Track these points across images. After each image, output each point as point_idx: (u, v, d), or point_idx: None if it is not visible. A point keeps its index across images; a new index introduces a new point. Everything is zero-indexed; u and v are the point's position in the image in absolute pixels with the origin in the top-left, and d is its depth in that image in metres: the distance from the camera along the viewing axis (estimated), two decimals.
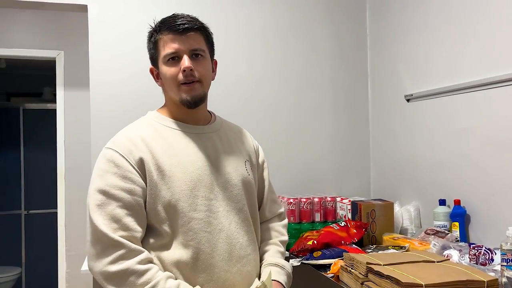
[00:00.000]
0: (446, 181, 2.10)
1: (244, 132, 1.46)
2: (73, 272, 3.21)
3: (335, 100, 2.73)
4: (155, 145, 1.20)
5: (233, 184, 1.27)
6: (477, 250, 1.61)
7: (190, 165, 1.21)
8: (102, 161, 1.19)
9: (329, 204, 2.45)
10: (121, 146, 1.19)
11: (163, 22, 1.26)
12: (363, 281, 1.49)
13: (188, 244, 1.17)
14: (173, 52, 1.21)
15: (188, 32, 1.22)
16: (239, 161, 1.33)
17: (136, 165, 1.17)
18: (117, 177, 1.15)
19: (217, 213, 1.22)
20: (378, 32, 2.69)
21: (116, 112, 2.40)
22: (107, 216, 1.12)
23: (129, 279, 1.08)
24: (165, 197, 1.17)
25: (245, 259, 1.25)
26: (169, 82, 1.23)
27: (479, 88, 1.90)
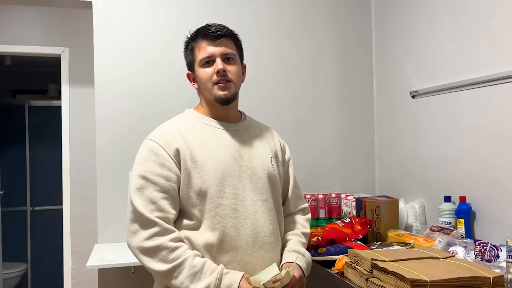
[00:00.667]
0: (452, 177, 2.10)
1: (271, 131, 1.60)
2: (78, 268, 3.23)
3: (340, 97, 2.73)
4: (190, 138, 1.36)
5: (259, 177, 1.40)
6: (483, 247, 1.61)
7: (220, 157, 1.35)
8: (144, 150, 1.35)
9: (333, 200, 2.45)
10: (160, 138, 1.35)
11: (198, 31, 1.42)
12: (368, 277, 1.49)
13: (215, 227, 1.31)
14: (208, 56, 1.38)
15: (221, 38, 1.39)
16: (265, 156, 1.45)
17: (173, 155, 1.32)
18: (156, 164, 1.31)
19: (243, 202, 1.35)
20: (383, 28, 2.68)
21: (121, 108, 2.41)
22: (145, 199, 1.28)
23: (161, 253, 1.24)
24: (196, 184, 1.32)
25: (268, 246, 1.37)
26: (204, 82, 1.39)
27: (486, 84, 1.89)
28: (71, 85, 3.30)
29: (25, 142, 4.47)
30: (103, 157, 2.40)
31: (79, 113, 3.29)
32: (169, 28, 2.51)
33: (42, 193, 4.45)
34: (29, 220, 4.47)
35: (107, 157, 2.40)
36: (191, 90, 2.51)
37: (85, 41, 3.17)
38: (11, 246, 4.28)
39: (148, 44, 2.46)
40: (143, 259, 1.26)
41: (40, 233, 4.45)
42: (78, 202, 3.27)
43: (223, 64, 1.37)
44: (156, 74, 2.46)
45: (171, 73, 2.49)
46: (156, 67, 2.47)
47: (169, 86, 2.49)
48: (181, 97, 2.50)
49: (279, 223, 1.46)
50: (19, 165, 4.44)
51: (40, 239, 4.44)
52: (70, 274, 3.26)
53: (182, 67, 2.55)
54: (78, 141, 3.29)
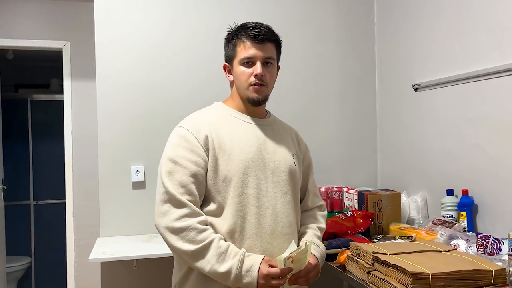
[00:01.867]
0: (454, 171, 2.09)
1: (294, 131, 1.65)
2: (81, 261, 3.24)
3: (342, 90, 2.72)
4: (219, 127, 1.42)
5: (281, 170, 1.45)
6: (485, 240, 1.60)
7: (246, 148, 1.41)
8: (175, 136, 1.41)
9: (335, 194, 2.45)
10: (191, 125, 1.41)
11: (244, 29, 1.43)
12: (370, 271, 1.49)
13: (237, 214, 1.36)
14: (250, 57, 1.41)
15: (265, 42, 1.42)
16: (287, 152, 1.50)
17: (202, 142, 1.37)
18: (186, 150, 1.36)
19: (266, 192, 1.40)
20: (386, 21, 2.66)
21: (123, 101, 2.41)
22: (176, 182, 1.33)
23: (190, 234, 1.29)
24: (223, 172, 1.37)
25: (286, 237, 1.42)
26: (241, 81, 1.43)
27: (488, 76, 1.87)
28: (73, 79, 3.30)
29: (28, 137, 4.48)
30: (106, 151, 2.40)
31: (81, 107, 3.29)
32: (170, 21, 2.50)
33: (45, 187, 4.47)
34: (33, 214, 4.49)
35: (110, 151, 2.40)
36: (192, 83, 2.53)
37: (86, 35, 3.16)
38: (15, 240, 4.30)
39: (149, 37, 2.46)
40: (171, 238, 1.31)
41: (43, 227, 4.47)
42: (81, 196, 3.28)
43: (262, 68, 1.41)
44: (158, 67, 2.46)
45: (173, 66, 2.49)
46: (158, 60, 2.47)
47: (170, 79, 2.49)
48: (183, 90, 2.50)
49: (296, 216, 1.50)
50: (22, 160, 4.45)
51: (43, 233, 4.46)
52: (73, 267, 3.27)
53: (183, 60, 2.56)
54: (81, 135, 3.29)
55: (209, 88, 2.50)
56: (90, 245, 2.37)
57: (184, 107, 2.42)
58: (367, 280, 1.50)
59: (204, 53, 2.51)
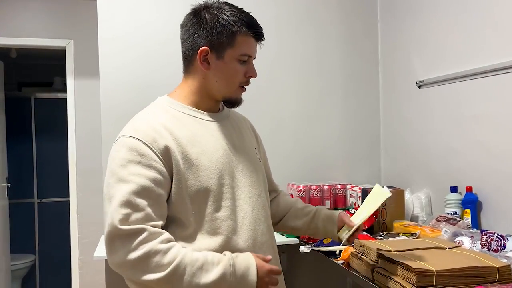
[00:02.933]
0: (458, 168, 2.08)
1: (247, 120, 1.47)
2: (85, 259, 3.25)
3: (345, 87, 2.71)
4: (178, 132, 1.17)
5: (251, 171, 1.28)
6: (489, 237, 1.60)
7: (214, 153, 1.20)
8: (123, 150, 1.13)
9: (339, 191, 2.45)
10: (143, 134, 1.14)
11: (250, 20, 1.24)
12: (374, 267, 1.49)
13: (216, 232, 1.16)
14: (250, 55, 1.24)
15: (261, 41, 1.27)
16: (251, 148, 1.34)
17: (161, 154, 1.12)
18: (142, 166, 1.10)
19: (239, 201, 1.22)
20: (389, 18, 2.65)
21: (126, 99, 2.41)
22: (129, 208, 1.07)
23: (154, 260, 1.04)
24: (192, 187, 1.15)
25: (265, 245, 1.26)
26: (229, 77, 1.23)
27: (493, 73, 1.87)
28: (76, 77, 3.31)
29: (32, 135, 4.49)
30: (109, 148, 2.39)
31: (85, 105, 3.30)
32: (173, 18, 2.49)
33: (49, 185, 4.49)
34: (37, 212, 4.51)
35: None
36: None
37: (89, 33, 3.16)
38: (19, 238, 4.32)
39: (152, 34, 2.46)
40: (134, 274, 1.05)
41: (47, 225, 4.49)
42: (85, 193, 3.29)
43: None
44: (161, 65, 2.46)
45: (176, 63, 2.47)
46: (161, 57, 2.47)
47: (174, 76, 2.46)
48: None
49: (270, 218, 1.35)
50: (26, 158, 4.47)
51: (47, 231, 4.48)
52: (78, 265, 3.29)
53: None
54: (84, 133, 3.30)
55: None
56: (94, 242, 2.38)
57: None
58: (372, 277, 1.50)
59: None
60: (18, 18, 3.25)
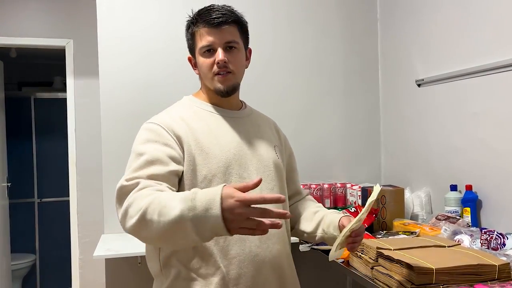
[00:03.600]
0: (458, 166, 2.08)
1: (272, 121, 1.55)
2: (86, 258, 3.26)
3: (345, 86, 2.71)
4: (194, 125, 1.28)
5: (265, 166, 1.34)
6: (489, 235, 1.60)
7: (226, 145, 1.28)
8: (144, 132, 1.26)
9: (339, 190, 2.45)
10: (162, 121, 1.27)
11: (200, 15, 1.31)
12: (373, 266, 1.49)
13: None
14: (208, 45, 1.28)
15: (223, 26, 1.28)
16: (269, 145, 1.40)
17: (176, 138, 1.23)
18: (159, 144, 1.21)
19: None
20: (389, 16, 2.65)
21: (126, 99, 2.41)
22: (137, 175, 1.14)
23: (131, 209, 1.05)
24: (201, 172, 1.23)
25: (275, 238, 1.29)
26: (204, 72, 1.31)
27: (492, 71, 1.87)
28: (76, 77, 3.31)
29: (32, 135, 4.50)
30: (109, 148, 2.41)
31: (85, 105, 3.30)
32: (173, 17, 2.50)
33: (49, 184, 4.49)
34: (37, 212, 4.52)
35: (113, 148, 2.40)
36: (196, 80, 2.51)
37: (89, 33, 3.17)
38: (19, 238, 4.33)
39: (152, 33, 2.46)
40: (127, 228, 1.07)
41: (47, 225, 4.49)
42: (85, 193, 3.29)
43: (224, 54, 1.27)
44: (161, 64, 2.46)
45: (176, 62, 2.49)
46: (161, 57, 2.47)
47: (174, 76, 2.49)
48: (186, 86, 2.47)
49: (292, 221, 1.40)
50: (26, 157, 4.47)
51: (47, 230, 4.49)
52: (78, 264, 3.29)
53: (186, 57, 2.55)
54: (84, 133, 3.30)
55: None
56: (94, 242, 2.38)
57: None
58: (371, 275, 1.50)
59: None
60: (18, 18, 3.25)
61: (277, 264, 1.28)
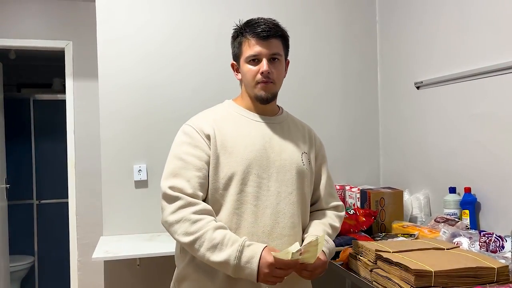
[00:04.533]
0: (457, 168, 2.09)
1: (307, 128, 1.61)
2: (84, 260, 3.25)
3: (344, 88, 2.72)
4: (224, 125, 1.42)
5: (287, 170, 1.42)
6: (488, 238, 1.60)
7: (250, 146, 1.40)
8: (180, 134, 1.43)
9: (338, 192, 2.45)
10: (196, 123, 1.42)
11: (249, 26, 1.42)
12: (372, 268, 1.49)
13: (234, 212, 1.35)
14: (255, 54, 1.39)
15: (270, 39, 1.39)
16: (296, 151, 1.47)
17: (205, 138, 1.38)
18: (191, 146, 1.38)
19: (267, 191, 1.38)
20: (387, 18, 2.66)
21: (125, 100, 2.42)
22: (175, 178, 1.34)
23: (183, 226, 1.28)
24: (223, 169, 1.37)
25: (286, 238, 1.38)
26: (248, 79, 1.42)
27: (491, 74, 1.87)
28: (75, 79, 3.31)
29: (31, 136, 4.49)
30: (108, 150, 2.41)
31: (84, 107, 3.30)
32: (173, 20, 2.50)
33: (48, 186, 4.48)
34: (36, 213, 4.50)
35: (112, 150, 2.41)
36: (194, 82, 2.53)
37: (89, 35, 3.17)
38: (18, 239, 4.32)
39: (151, 36, 2.46)
40: (170, 232, 1.32)
41: (46, 226, 4.48)
42: (84, 195, 3.29)
43: (268, 65, 1.39)
44: (160, 66, 2.46)
45: (175, 65, 2.49)
46: (160, 59, 2.47)
47: (173, 78, 2.49)
48: (185, 88, 2.50)
49: (303, 218, 1.45)
50: (25, 159, 4.46)
51: (46, 232, 4.48)
52: (77, 266, 3.28)
53: (185, 59, 2.56)
54: (83, 134, 3.30)
55: (211, 87, 2.50)
56: (93, 244, 2.38)
57: (186, 106, 2.43)
58: (370, 278, 1.50)
59: (206, 52, 2.51)
60: (18, 20, 3.25)
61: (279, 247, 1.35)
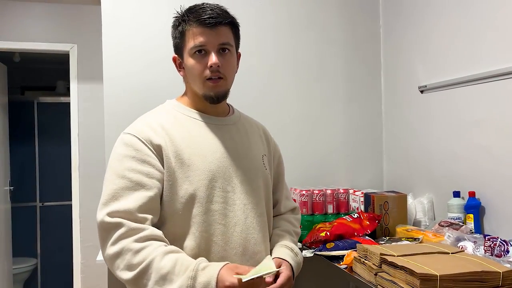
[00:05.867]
0: (461, 172, 2.08)
1: (261, 127, 1.45)
2: (88, 262, 3.25)
3: (348, 92, 2.72)
4: (174, 133, 1.19)
5: (251, 178, 1.26)
6: (492, 242, 1.60)
7: (209, 155, 1.20)
8: (120, 145, 1.19)
9: (341, 196, 2.45)
10: (140, 132, 1.18)
11: (192, 12, 1.20)
12: (377, 272, 1.49)
13: (201, 235, 1.16)
14: (201, 45, 1.18)
15: (218, 26, 1.18)
16: (256, 155, 1.32)
17: (155, 151, 1.16)
18: (136, 160, 1.14)
19: (233, 206, 1.20)
20: (391, 23, 2.66)
21: (130, 104, 2.42)
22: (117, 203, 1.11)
23: (126, 258, 1.06)
24: (182, 186, 1.16)
25: (258, 255, 1.24)
26: (194, 75, 1.21)
27: (495, 78, 1.87)
28: (79, 82, 3.32)
29: (34, 139, 4.51)
30: None
31: (88, 109, 3.31)
32: None
33: (51, 188, 4.50)
34: (39, 216, 4.52)
35: None
36: None
37: (93, 38, 3.19)
38: (21, 242, 4.33)
39: (156, 39, 2.47)
40: (112, 269, 1.09)
41: (49, 229, 4.49)
42: (87, 197, 3.29)
43: (218, 57, 1.18)
44: (165, 70, 2.47)
45: None
46: (165, 62, 2.47)
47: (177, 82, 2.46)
48: None
49: (269, 229, 1.32)
50: (29, 161, 4.48)
51: (49, 235, 4.49)
52: (80, 269, 3.28)
53: None
54: (87, 137, 3.31)
55: None
56: (97, 246, 2.38)
57: None
58: (375, 281, 1.49)
59: None
60: (22, 23, 3.27)
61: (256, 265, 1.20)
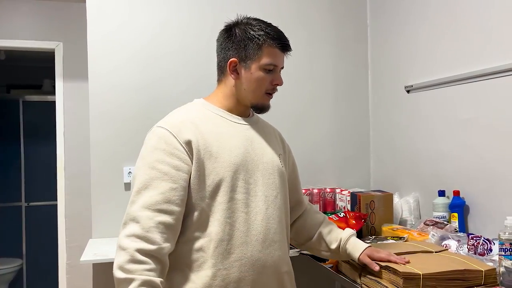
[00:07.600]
0: (446, 172, 2.10)
1: (276, 130, 1.59)
2: (73, 263, 3.22)
3: (335, 91, 2.73)
4: (204, 127, 1.31)
5: (270, 173, 1.37)
6: (476, 240, 1.61)
7: (234, 149, 1.31)
8: (153, 137, 1.28)
9: (328, 195, 2.46)
10: (172, 126, 1.28)
11: (274, 33, 1.37)
12: (362, 271, 1.49)
13: (225, 221, 1.25)
14: (276, 65, 1.36)
15: (287, 52, 1.41)
16: (274, 153, 1.43)
17: (185, 144, 1.25)
18: (165, 153, 1.24)
19: (255, 197, 1.31)
20: (378, 23, 2.67)
21: (115, 103, 2.40)
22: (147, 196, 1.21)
23: (124, 256, 1.16)
24: (209, 176, 1.26)
25: (277, 244, 1.33)
26: (256, 86, 1.35)
27: (481, 78, 1.89)
28: (65, 80, 3.29)
29: (20, 137, 4.45)
30: (98, 152, 2.39)
31: (74, 108, 3.28)
32: (163, 21, 2.49)
33: (37, 188, 4.44)
34: (24, 216, 4.46)
35: (102, 152, 2.39)
36: (185, 83, 2.52)
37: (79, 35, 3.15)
38: (6, 242, 4.28)
39: (142, 37, 2.45)
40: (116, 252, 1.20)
41: (35, 229, 4.44)
42: (73, 197, 3.26)
43: None
44: (151, 67, 2.46)
45: (166, 65, 2.48)
46: (151, 60, 2.46)
47: (163, 79, 2.48)
48: (176, 89, 2.49)
49: (286, 222, 1.42)
50: (14, 161, 4.42)
51: (35, 235, 4.43)
52: (65, 269, 3.26)
53: (176, 60, 2.56)
54: (73, 136, 3.28)
55: (202, 87, 2.46)
56: (82, 247, 2.36)
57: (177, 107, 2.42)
58: (359, 281, 1.50)
59: (197, 53, 2.51)
60: (7, 20, 3.23)
61: (277, 270, 1.32)
